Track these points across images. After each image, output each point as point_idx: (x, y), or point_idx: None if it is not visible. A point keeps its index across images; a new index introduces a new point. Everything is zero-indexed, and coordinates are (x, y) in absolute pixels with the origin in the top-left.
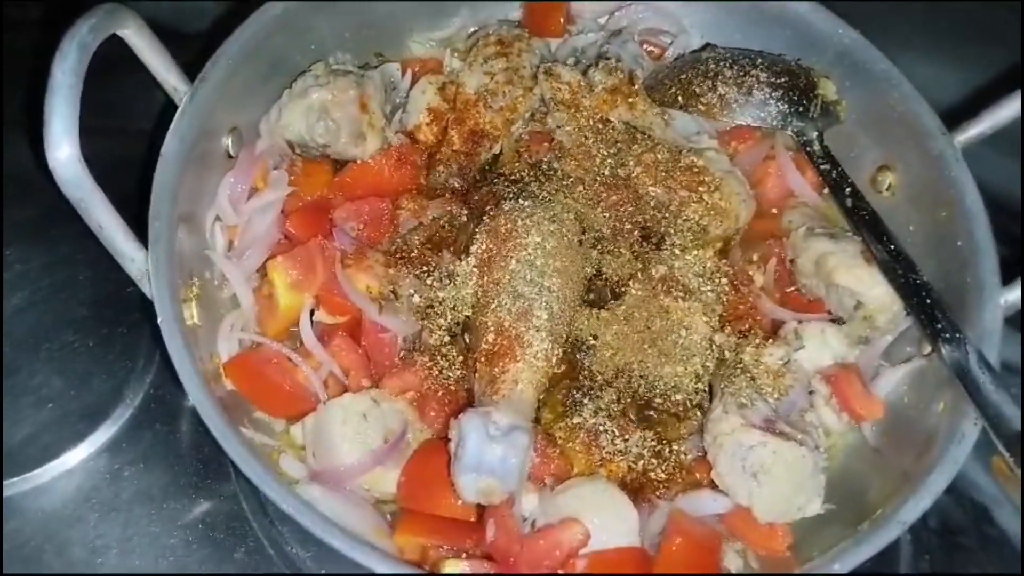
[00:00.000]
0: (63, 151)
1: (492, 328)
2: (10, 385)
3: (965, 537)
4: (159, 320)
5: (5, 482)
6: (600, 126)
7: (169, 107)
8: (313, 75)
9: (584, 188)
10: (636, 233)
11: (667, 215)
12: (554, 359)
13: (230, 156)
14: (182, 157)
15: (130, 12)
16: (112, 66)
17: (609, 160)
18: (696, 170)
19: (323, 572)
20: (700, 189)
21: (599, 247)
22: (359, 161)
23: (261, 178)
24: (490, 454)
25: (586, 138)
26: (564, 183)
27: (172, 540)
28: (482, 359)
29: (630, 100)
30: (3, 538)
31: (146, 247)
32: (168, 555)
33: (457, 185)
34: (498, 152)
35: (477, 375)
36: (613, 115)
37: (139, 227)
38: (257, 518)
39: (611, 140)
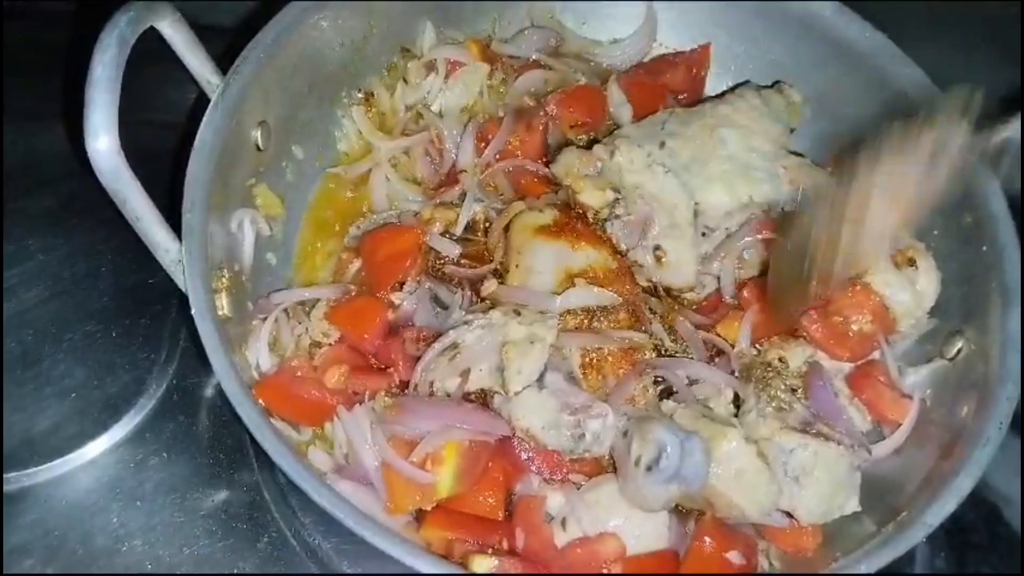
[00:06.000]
0: (103, 142)
1: None
2: (33, 375)
3: (976, 535)
4: (193, 311)
5: (28, 471)
6: None
7: (199, 101)
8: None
9: None
10: None
11: None
12: None
13: (259, 149)
14: (215, 150)
15: (167, 5)
16: (138, 59)
17: None
18: None
19: (345, 562)
20: None
21: None
22: None
23: None
24: (689, 462)
25: None
26: None
27: (195, 529)
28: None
29: None
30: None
31: (179, 238)
32: (192, 544)
33: None
34: None
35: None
36: None
37: (169, 219)
38: (279, 508)
39: None
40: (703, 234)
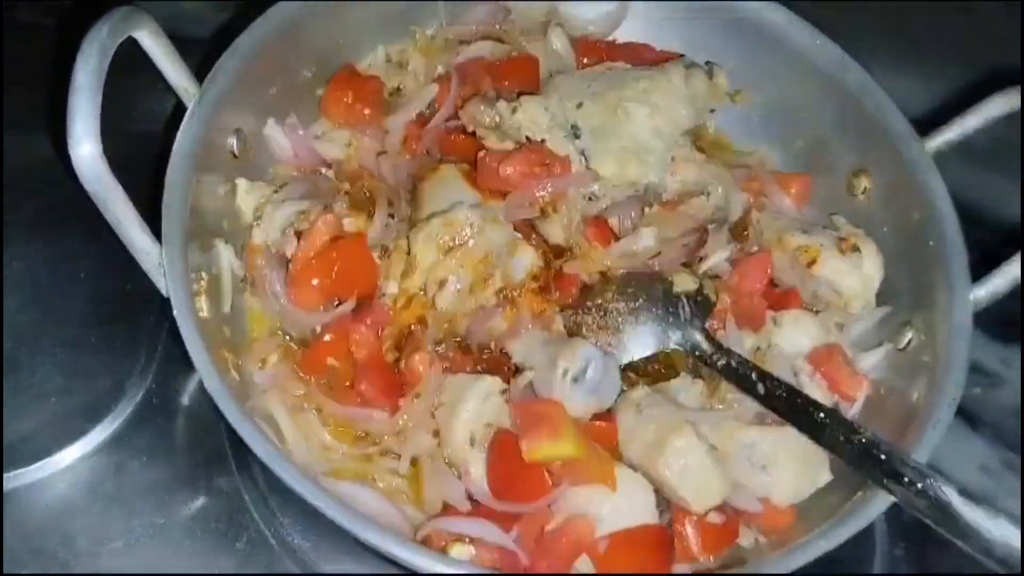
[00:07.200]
0: (85, 148)
1: None
2: (12, 381)
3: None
4: (175, 312)
5: (7, 475)
6: None
7: (177, 110)
8: None
9: None
10: None
11: None
12: None
13: (235, 156)
14: (192, 156)
15: (146, 15)
16: (118, 70)
17: None
18: None
19: (323, 561)
20: None
21: None
22: None
23: None
24: (606, 379)
25: None
26: None
27: (175, 531)
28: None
29: None
30: (3, 531)
31: (159, 242)
32: (172, 545)
33: None
34: None
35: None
36: None
37: (149, 224)
38: (259, 509)
39: None
40: (589, 199)
